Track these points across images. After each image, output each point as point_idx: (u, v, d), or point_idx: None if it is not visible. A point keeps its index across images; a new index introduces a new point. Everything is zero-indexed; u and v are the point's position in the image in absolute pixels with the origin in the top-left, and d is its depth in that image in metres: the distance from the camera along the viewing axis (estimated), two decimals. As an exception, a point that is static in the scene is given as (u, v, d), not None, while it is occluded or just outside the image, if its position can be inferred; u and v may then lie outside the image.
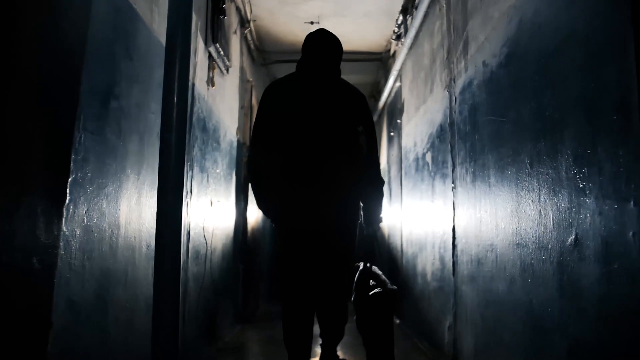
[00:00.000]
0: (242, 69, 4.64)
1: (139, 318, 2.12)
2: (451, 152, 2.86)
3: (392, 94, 5.28)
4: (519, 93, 1.89)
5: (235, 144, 4.32)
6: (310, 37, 2.54)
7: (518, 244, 1.86)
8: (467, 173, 2.55)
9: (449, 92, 2.91)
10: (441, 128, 3.11)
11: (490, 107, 2.21)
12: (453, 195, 2.81)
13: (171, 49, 2.20)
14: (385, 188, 5.63)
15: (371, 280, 2.51)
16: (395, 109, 5.12)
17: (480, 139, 2.34)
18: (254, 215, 5.05)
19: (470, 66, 2.51)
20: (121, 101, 1.95)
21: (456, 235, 2.73)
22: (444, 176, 3.03)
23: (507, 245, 1.97)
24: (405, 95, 4.49)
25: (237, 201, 4.39)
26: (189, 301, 2.91)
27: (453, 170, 2.81)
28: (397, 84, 4.92)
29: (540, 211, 1.67)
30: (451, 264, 2.80)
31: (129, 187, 2.03)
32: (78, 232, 1.61)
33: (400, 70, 4.69)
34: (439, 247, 3.13)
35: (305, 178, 2.44)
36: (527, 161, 1.79)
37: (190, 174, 2.91)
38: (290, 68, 5.83)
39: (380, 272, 2.59)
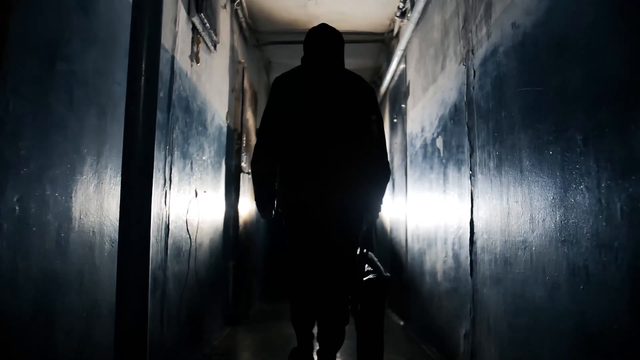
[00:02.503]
0: (232, 49, 4.25)
1: (99, 329, 1.76)
2: (468, 134, 2.50)
3: (396, 78, 4.90)
4: (566, 54, 1.52)
5: (225, 129, 3.94)
6: (312, 32, 2.58)
7: (564, 240, 1.50)
8: (489, 157, 2.19)
9: (466, 65, 2.55)
10: (455, 108, 2.75)
11: (523, 75, 1.84)
12: (471, 184, 2.44)
13: (139, 5, 1.82)
14: (388, 179, 5.27)
15: (367, 265, 2.52)
16: (399, 93, 4.75)
17: (508, 116, 1.98)
18: (247, 207, 4.69)
19: (494, 31, 2.14)
20: (73, 64, 1.57)
21: (475, 230, 2.38)
22: (459, 162, 2.67)
23: (548, 243, 1.61)
24: (411, 76, 4.11)
25: (227, 192, 4.02)
26: (168, 304, 2.55)
27: (471, 155, 2.45)
28: (402, 65, 4.54)
29: (600, 200, 1.31)
30: (468, 262, 2.44)
31: (84, 170, 1.66)
32: (5, 226, 1.24)
33: (405, 50, 4.31)
34: (452, 243, 2.77)
35: (318, 169, 2.41)
36: (579, 137, 1.43)
37: (169, 159, 2.54)
38: (285, 50, 5.44)
39: (376, 259, 2.58)
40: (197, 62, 3.07)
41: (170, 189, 2.56)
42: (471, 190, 2.44)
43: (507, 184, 1.98)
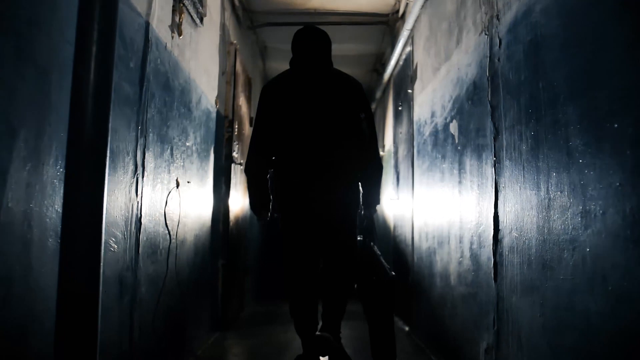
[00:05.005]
0: (223, 27, 3.88)
1: (37, 351, 1.39)
2: (492, 114, 2.13)
3: (401, 62, 4.53)
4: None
5: (214, 115, 3.57)
6: (298, 34, 2.63)
7: (638, 240, 1.14)
8: (521, 139, 1.82)
9: (489, 34, 2.18)
10: (474, 86, 2.38)
11: (572, 34, 1.48)
12: (495, 173, 2.08)
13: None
14: (392, 172, 4.91)
15: (370, 261, 2.63)
16: (404, 79, 4.39)
17: (548, 87, 1.61)
18: (239, 201, 4.32)
19: (529, -13, 1.78)
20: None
21: (500, 227, 2.01)
22: (478, 148, 2.31)
23: (610, 242, 1.25)
24: (419, 58, 3.75)
25: (216, 184, 3.65)
26: (140, 310, 2.19)
27: (495, 139, 2.09)
28: (408, 48, 4.18)
29: (703, 183, 0.95)
30: (491, 264, 2.08)
31: (15, 146, 1.29)
32: None
33: (412, 30, 3.94)
34: (469, 242, 2.41)
35: (309, 168, 2.50)
36: (665, 101, 1.06)
37: (142, 141, 2.17)
38: (282, 33, 5.08)
39: (379, 253, 2.66)
40: (180, 34, 2.70)
41: (143, 176, 2.19)
42: (495, 179, 2.08)
43: (546, 170, 1.61)
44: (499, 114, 2.05)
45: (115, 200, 1.88)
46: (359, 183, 2.63)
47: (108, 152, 1.43)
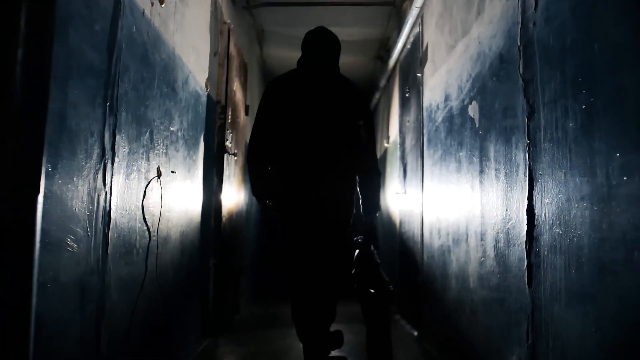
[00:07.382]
0: (215, 3, 3.55)
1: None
2: (524, 90, 1.81)
3: (408, 45, 4.20)
4: None
5: (204, 99, 3.24)
6: (309, 35, 2.64)
7: None
8: (566, 116, 1.50)
9: (521, -4, 1.85)
10: (500, 60, 2.06)
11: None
12: (529, 158, 1.76)
13: None
14: (398, 164, 4.59)
15: (370, 264, 2.59)
16: (412, 62, 4.05)
17: (607, 48, 1.29)
18: (233, 195, 4.00)
19: None
20: None
21: (536, 222, 1.69)
22: (506, 131, 1.98)
23: None
24: (430, 38, 3.41)
25: (206, 176, 3.32)
26: (110, 321, 1.86)
27: (529, 118, 1.76)
28: (417, 29, 3.84)
29: None
30: (524, 266, 1.76)
31: None
32: None
33: (422, 8, 3.61)
34: (493, 240, 2.09)
35: (309, 171, 2.53)
36: None
37: (111, 120, 1.84)
38: (281, 15, 4.74)
39: (379, 261, 2.62)
40: (161, 2, 2.36)
41: (113, 162, 1.86)
42: (529, 166, 1.75)
43: (604, 151, 1.29)
44: (535, 88, 1.72)
45: (74, 189, 1.56)
46: (357, 188, 2.67)
47: (47, 122, 1.10)
